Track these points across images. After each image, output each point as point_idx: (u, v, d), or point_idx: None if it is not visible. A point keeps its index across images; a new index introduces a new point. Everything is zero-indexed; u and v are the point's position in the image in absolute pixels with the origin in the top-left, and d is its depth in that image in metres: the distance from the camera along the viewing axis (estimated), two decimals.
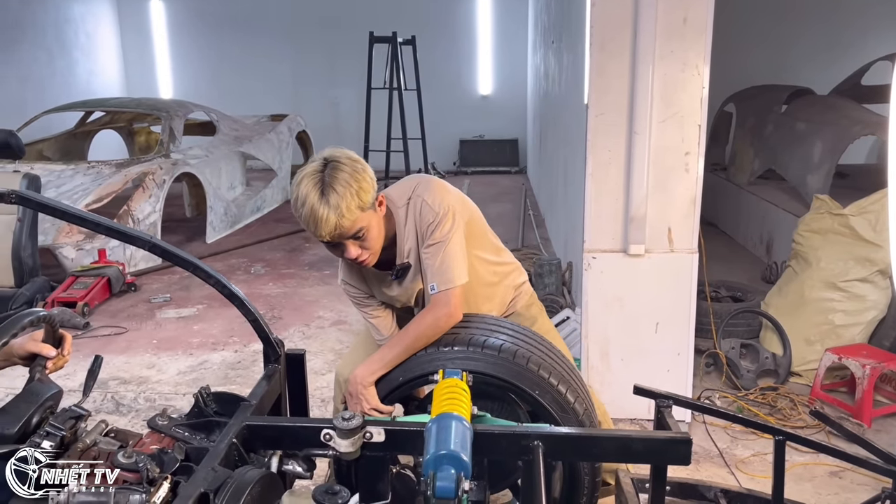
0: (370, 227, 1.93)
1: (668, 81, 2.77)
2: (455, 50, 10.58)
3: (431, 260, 2.01)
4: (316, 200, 1.83)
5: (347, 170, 1.86)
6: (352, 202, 1.84)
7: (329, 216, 1.83)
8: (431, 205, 2.03)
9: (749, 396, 3.47)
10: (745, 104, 6.86)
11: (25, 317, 1.61)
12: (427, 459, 1.36)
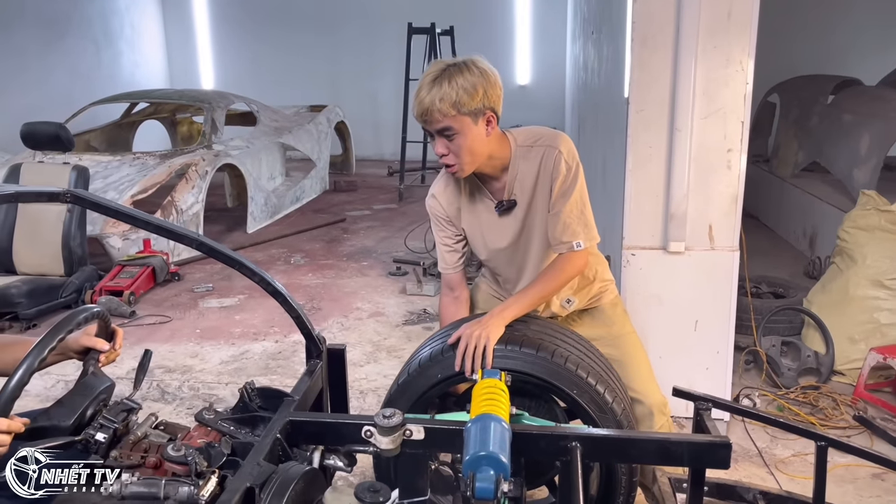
0: (462, 133, 1.95)
1: (711, 77, 2.73)
2: (493, 39, 10.52)
3: (571, 211, 2.06)
4: (426, 83, 1.93)
5: (467, 74, 1.93)
6: (449, 97, 1.90)
7: (425, 98, 1.92)
8: (566, 156, 2.07)
9: (790, 395, 3.43)
10: (789, 95, 6.72)
11: (80, 313, 1.67)
12: (467, 460, 1.38)
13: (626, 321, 2.37)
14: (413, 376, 2.04)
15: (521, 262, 2.25)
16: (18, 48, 8.10)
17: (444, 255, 2.27)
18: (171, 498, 1.50)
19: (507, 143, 2.09)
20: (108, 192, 5.48)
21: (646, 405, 2.23)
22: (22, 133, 4.85)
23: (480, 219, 2.20)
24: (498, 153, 2.06)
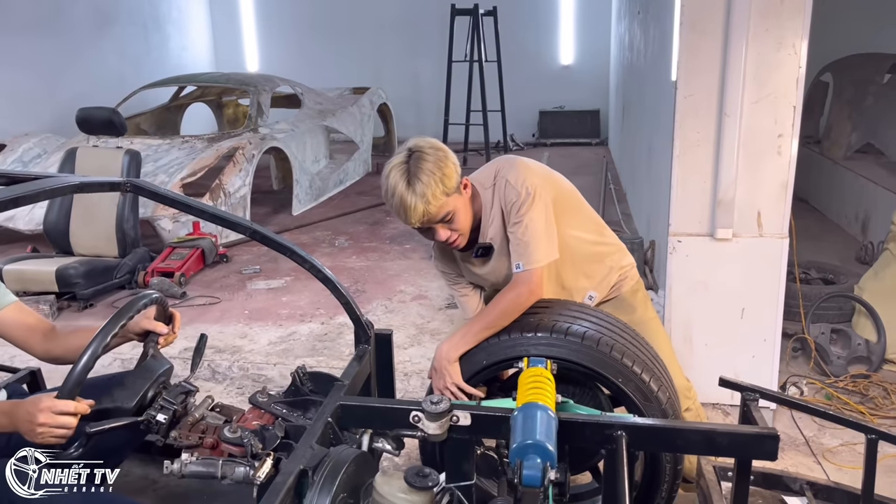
0: (457, 210, 2.00)
1: (762, 61, 2.67)
2: (536, 19, 10.41)
3: (515, 239, 2.05)
4: (404, 191, 1.92)
5: (431, 159, 1.94)
6: (437, 189, 1.92)
7: (417, 204, 1.92)
8: (514, 185, 2.06)
9: (839, 384, 3.37)
10: (843, 74, 6.52)
11: (140, 300, 1.74)
12: (514, 448, 1.41)
13: (647, 306, 2.39)
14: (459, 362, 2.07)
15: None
16: (71, 34, 8.30)
17: (464, 305, 2.32)
18: (227, 477, 1.57)
19: (477, 194, 2.11)
20: (158, 176, 5.62)
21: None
22: (77, 118, 5.00)
23: (470, 264, 2.24)
24: (476, 210, 2.11)
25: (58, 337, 2.02)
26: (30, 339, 2.02)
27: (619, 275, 2.34)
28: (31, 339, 2.02)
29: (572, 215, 2.23)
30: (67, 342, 2.00)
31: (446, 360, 2.05)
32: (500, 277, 2.22)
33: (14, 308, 2.01)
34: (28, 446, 1.59)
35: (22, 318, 2.02)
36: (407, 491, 1.38)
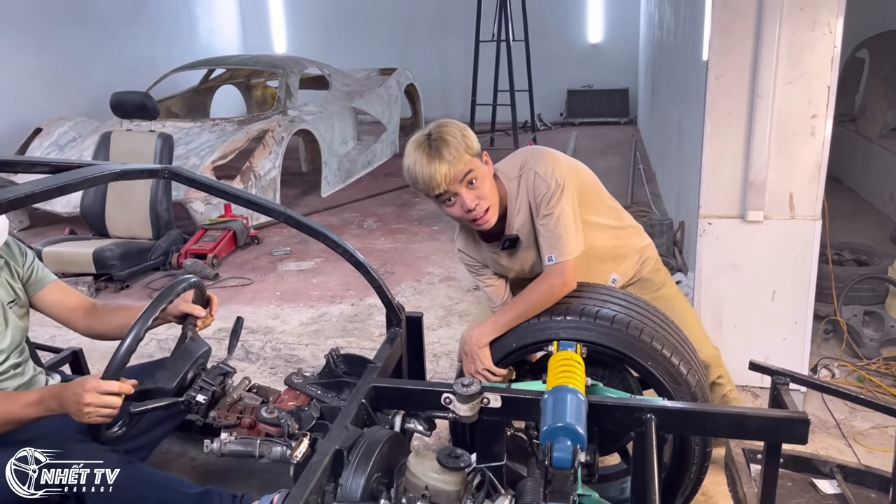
0: (481, 176, 1.99)
1: (796, 41, 2.63)
2: None
3: (547, 231, 2.06)
4: (426, 157, 1.93)
5: (452, 127, 1.97)
6: (460, 146, 1.93)
7: (440, 165, 1.92)
8: (544, 176, 2.06)
9: (871, 366, 3.34)
10: (879, 50, 6.36)
11: (179, 283, 1.80)
12: (545, 431, 1.44)
13: (669, 282, 2.41)
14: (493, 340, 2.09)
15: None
16: (103, 18, 8.40)
17: (490, 295, 2.32)
18: (265, 456, 1.63)
19: (502, 184, 2.10)
20: (189, 158, 5.70)
21: (702, 356, 2.25)
22: (111, 102, 5.08)
23: (496, 256, 2.23)
24: (501, 197, 2.09)
25: (100, 315, 2.09)
26: (72, 316, 2.09)
27: (640, 256, 2.36)
28: (73, 317, 2.09)
29: (594, 203, 2.24)
30: (109, 320, 2.07)
31: (477, 345, 2.08)
32: (526, 267, 2.23)
33: (55, 286, 2.08)
34: (137, 406, 1.66)
35: (63, 296, 2.10)
36: (439, 471, 1.42)
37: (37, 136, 6.17)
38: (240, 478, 2.10)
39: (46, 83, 7.43)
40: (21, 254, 2.03)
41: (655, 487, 1.50)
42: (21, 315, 1.99)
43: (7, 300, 1.94)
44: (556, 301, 2.03)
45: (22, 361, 1.96)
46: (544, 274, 2.06)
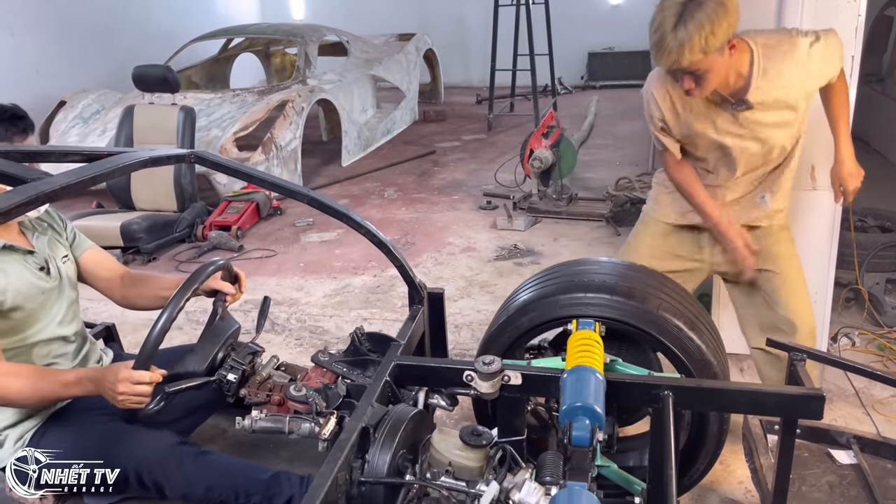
0: (710, 70, 2.00)
1: (820, 9, 2.59)
2: None
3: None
4: (668, 30, 1.93)
5: (708, 10, 1.92)
6: (697, 43, 1.92)
7: (672, 50, 1.94)
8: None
9: (891, 335, 3.35)
10: None
11: (207, 267, 1.86)
12: (564, 410, 1.48)
13: (791, 245, 2.41)
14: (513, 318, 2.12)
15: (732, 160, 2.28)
16: None
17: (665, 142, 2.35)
18: (294, 433, 1.69)
19: (745, 46, 2.10)
20: (211, 130, 5.74)
21: (801, 330, 2.32)
22: (133, 76, 5.13)
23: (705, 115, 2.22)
24: (738, 67, 2.08)
25: (135, 283, 2.18)
26: (111, 282, 2.17)
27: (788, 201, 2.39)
28: (112, 284, 2.17)
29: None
30: (142, 290, 2.16)
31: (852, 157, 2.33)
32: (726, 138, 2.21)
33: (95, 251, 2.17)
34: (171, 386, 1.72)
35: (103, 260, 2.18)
36: (462, 448, 1.47)
37: (61, 109, 6.25)
38: (270, 449, 2.17)
39: (68, 55, 7.49)
40: (60, 220, 2.11)
41: (672, 462, 1.55)
42: (72, 274, 2.06)
43: (61, 255, 2.02)
44: None
45: (77, 329, 2.03)
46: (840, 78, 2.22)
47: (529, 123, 7.72)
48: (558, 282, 2.06)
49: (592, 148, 6.65)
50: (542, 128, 5.38)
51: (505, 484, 1.43)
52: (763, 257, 2.36)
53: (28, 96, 6.73)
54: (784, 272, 2.36)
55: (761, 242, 2.37)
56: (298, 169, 5.98)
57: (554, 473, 1.41)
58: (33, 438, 1.81)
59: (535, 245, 4.65)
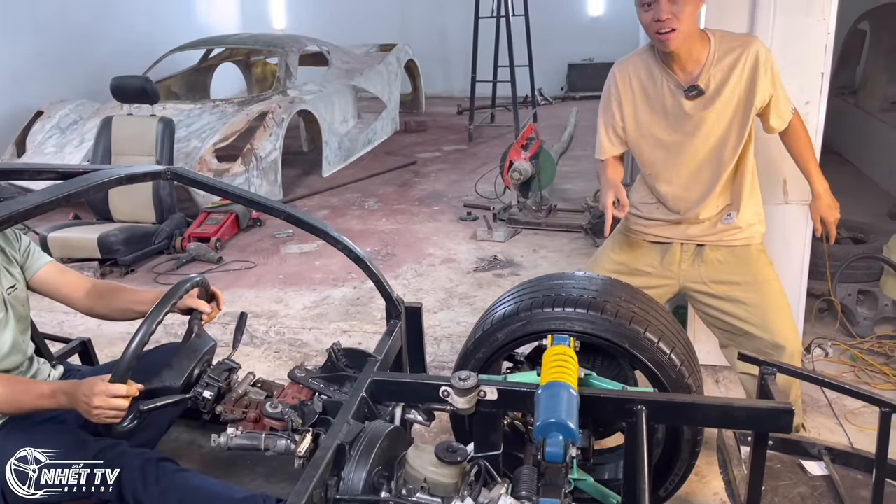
0: (686, 0, 2.08)
1: (790, 27, 2.65)
2: None
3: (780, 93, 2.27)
4: None
5: None
6: None
7: None
8: (767, 53, 2.23)
9: (864, 345, 3.41)
10: (880, 23, 6.33)
11: (184, 284, 1.86)
12: (538, 426, 1.50)
13: (770, 268, 2.43)
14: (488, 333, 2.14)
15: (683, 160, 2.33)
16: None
17: (602, 142, 2.45)
18: (270, 450, 1.70)
19: (705, 34, 2.22)
20: (191, 141, 5.72)
21: (788, 351, 2.33)
22: (111, 87, 5.09)
23: (659, 103, 2.30)
24: (696, 39, 2.19)
25: (101, 295, 2.15)
26: (71, 295, 2.15)
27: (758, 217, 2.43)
28: (72, 296, 2.15)
29: None
30: (110, 303, 2.13)
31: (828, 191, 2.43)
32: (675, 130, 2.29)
33: (51, 267, 2.13)
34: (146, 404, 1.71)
35: (61, 277, 2.14)
36: (437, 465, 1.48)
37: (38, 119, 6.20)
38: (246, 466, 2.17)
39: (45, 64, 7.42)
40: (15, 238, 2.06)
41: (646, 476, 1.57)
42: (22, 301, 2.03)
43: (7, 286, 1.98)
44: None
45: (23, 358, 2.00)
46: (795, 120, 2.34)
47: (510, 134, 7.77)
48: (533, 297, 2.08)
49: (572, 159, 6.70)
50: (522, 140, 5.43)
51: (480, 499, 1.44)
52: (744, 286, 2.36)
53: (4, 106, 6.70)
54: (768, 295, 2.36)
55: (741, 269, 2.38)
56: (278, 180, 5.97)
57: (529, 489, 1.42)
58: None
59: (515, 256, 4.68)
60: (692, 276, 2.42)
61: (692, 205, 2.35)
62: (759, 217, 2.42)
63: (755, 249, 2.41)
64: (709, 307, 2.43)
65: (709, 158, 2.29)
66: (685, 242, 2.42)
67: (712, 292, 2.39)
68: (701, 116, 2.24)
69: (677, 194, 2.36)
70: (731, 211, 2.36)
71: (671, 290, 2.48)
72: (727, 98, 2.21)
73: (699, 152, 2.29)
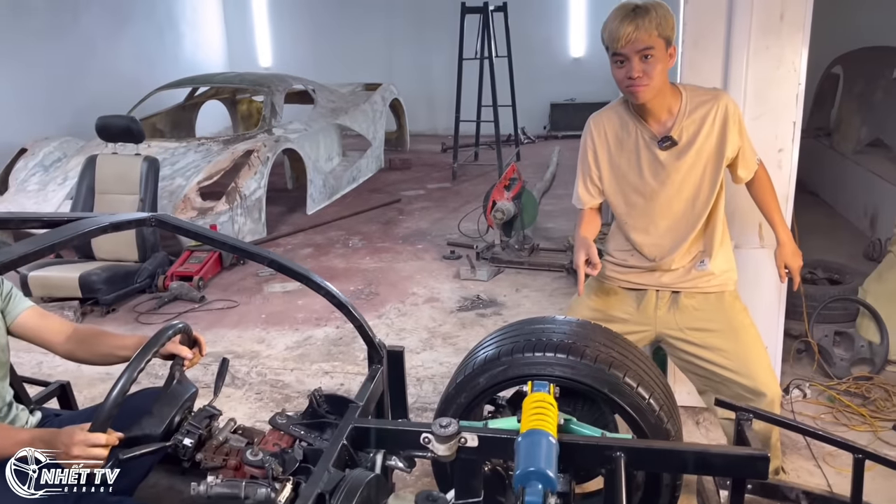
0: (657, 58, 2.13)
1: (762, 78, 2.73)
2: (547, 12, 10.45)
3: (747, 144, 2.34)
4: (622, 15, 2.12)
5: (661, 7, 2.13)
6: (653, 22, 2.10)
7: (628, 26, 2.10)
8: (736, 108, 2.29)
9: (841, 386, 3.45)
10: (853, 67, 6.51)
11: (168, 330, 1.87)
12: (518, 474, 1.51)
13: (745, 314, 2.46)
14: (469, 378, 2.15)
15: (658, 209, 2.37)
16: (87, 35, 8.43)
17: (580, 192, 2.49)
18: (250, 498, 1.69)
19: (676, 88, 2.30)
20: (175, 179, 5.74)
21: (768, 397, 2.34)
22: (97, 126, 5.12)
23: (634, 154, 2.35)
24: (668, 92, 2.25)
25: (81, 340, 2.14)
26: (52, 341, 2.13)
27: (730, 266, 2.45)
28: (53, 342, 2.13)
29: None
30: (91, 348, 2.12)
31: (793, 245, 2.50)
32: (649, 180, 2.33)
33: (32, 313, 2.12)
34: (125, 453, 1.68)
35: (41, 322, 2.13)
36: None
37: (21, 157, 6.19)
38: None
39: (30, 101, 7.45)
40: None
41: None
42: (2, 347, 2.01)
43: None
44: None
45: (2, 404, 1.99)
46: (760, 170, 2.41)
47: (493, 172, 7.86)
48: (514, 341, 2.10)
49: (554, 198, 6.77)
50: (505, 180, 5.50)
51: None
52: (722, 334, 2.38)
53: None
54: (744, 342, 2.38)
55: (716, 316, 2.41)
56: (263, 218, 5.99)
57: None
58: None
59: (498, 296, 4.71)
60: (668, 323, 2.45)
61: (666, 252, 2.39)
62: (730, 264, 2.45)
63: (729, 296, 2.44)
64: (686, 353, 2.45)
65: (683, 208, 2.34)
66: (660, 289, 2.45)
67: (688, 339, 2.42)
68: (674, 166, 2.29)
69: (652, 242, 2.40)
70: (704, 258, 2.40)
71: (648, 337, 2.50)
72: (699, 149, 2.27)
73: (673, 201, 2.34)
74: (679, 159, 2.28)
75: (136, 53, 9.29)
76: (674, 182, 2.31)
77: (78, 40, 8.25)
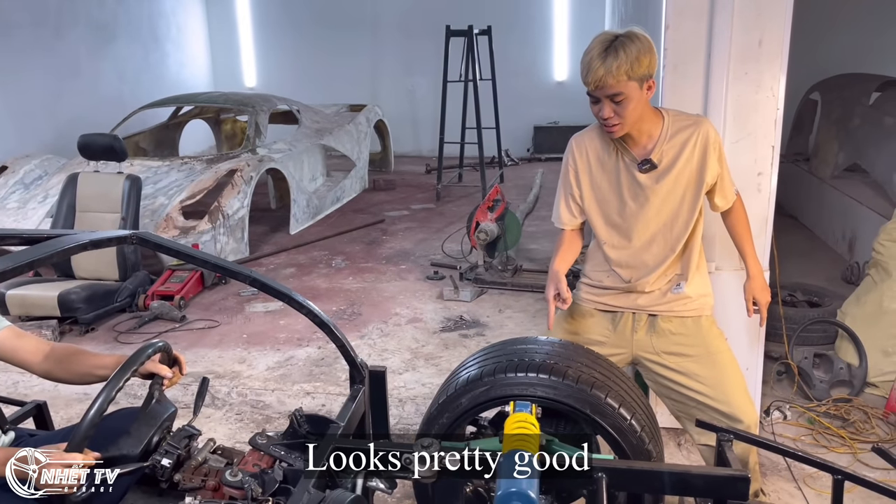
0: (629, 98, 2.14)
1: (742, 103, 2.78)
2: (531, 36, 10.56)
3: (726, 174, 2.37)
4: (598, 53, 2.11)
5: (637, 44, 2.10)
6: (622, 68, 2.08)
7: (599, 69, 2.09)
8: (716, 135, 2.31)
9: (820, 408, 3.47)
10: (831, 93, 6.64)
11: (148, 348, 1.85)
12: (498, 496, 1.51)
13: (722, 339, 2.47)
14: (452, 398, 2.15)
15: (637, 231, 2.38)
16: (71, 53, 8.40)
17: (561, 212, 2.50)
18: None
19: (658, 112, 2.31)
20: (157, 198, 5.71)
21: (745, 423, 2.34)
22: (79, 145, 5.09)
23: (615, 175, 2.36)
24: (648, 118, 2.26)
25: (59, 359, 2.10)
26: (28, 360, 2.10)
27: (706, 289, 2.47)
28: (30, 361, 2.10)
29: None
30: (69, 367, 2.09)
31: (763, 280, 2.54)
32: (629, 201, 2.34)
33: (8, 333, 2.08)
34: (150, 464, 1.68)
35: (18, 342, 2.10)
36: None
37: (2, 174, 6.14)
38: None
39: (12, 119, 7.40)
40: None
41: None
42: None
43: None
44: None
45: None
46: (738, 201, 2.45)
47: (477, 193, 7.90)
48: (497, 362, 2.10)
49: (538, 219, 6.81)
50: (488, 201, 5.52)
51: None
52: (699, 360, 2.38)
53: None
54: (721, 368, 2.39)
55: (693, 342, 2.42)
56: (245, 237, 5.97)
57: None
58: None
59: (481, 316, 4.71)
60: (645, 345, 2.45)
61: (643, 274, 2.40)
62: (707, 288, 2.47)
63: (706, 321, 2.45)
64: (662, 377, 2.45)
65: (661, 231, 2.36)
66: (636, 311, 2.46)
67: (665, 363, 2.42)
68: (654, 189, 2.31)
69: (630, 263, 2.41)
70: (681, 281, 2.41)
71: (624, 360, 2.50)
72: (678, 173, 2.29)
73: (651, 223, 2.35)
74: (658, 182, 2.30)
75: (120, 71, 9.27)
76: (653, 205, 2.33)
77: (61, 57, 8.22)
